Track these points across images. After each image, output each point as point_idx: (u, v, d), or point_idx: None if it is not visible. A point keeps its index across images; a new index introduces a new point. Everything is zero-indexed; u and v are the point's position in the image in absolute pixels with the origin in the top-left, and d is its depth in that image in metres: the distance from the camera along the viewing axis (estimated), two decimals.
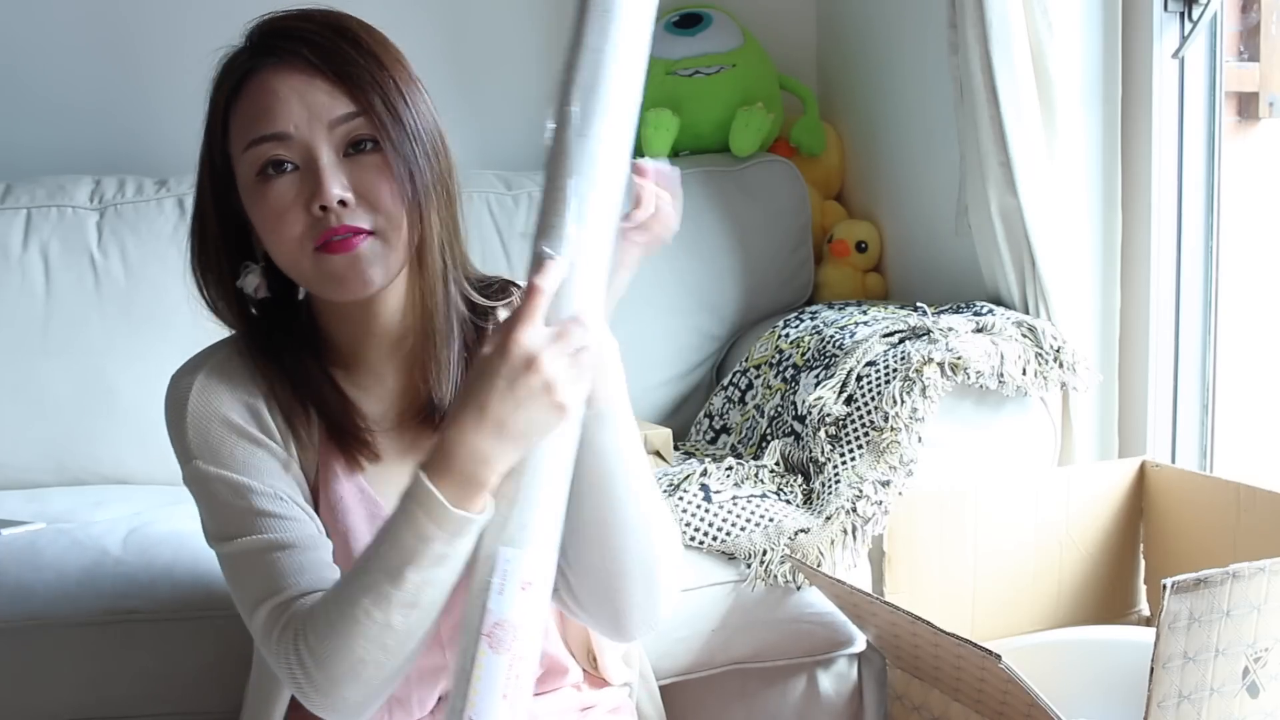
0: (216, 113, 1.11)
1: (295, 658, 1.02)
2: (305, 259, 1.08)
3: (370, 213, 1.08)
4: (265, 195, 1.08)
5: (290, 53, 1.08)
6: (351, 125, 1.08)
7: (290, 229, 1.07)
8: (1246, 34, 2.14)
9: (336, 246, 1.07)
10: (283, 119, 1.07)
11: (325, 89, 1.08)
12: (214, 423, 1.12)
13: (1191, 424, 2.09)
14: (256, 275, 1.14)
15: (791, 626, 1.70)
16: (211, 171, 1.13)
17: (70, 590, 1.55)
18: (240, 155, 1.09)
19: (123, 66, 2.40)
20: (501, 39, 2.56)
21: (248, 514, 1.09)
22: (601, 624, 1.15)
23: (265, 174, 1.08)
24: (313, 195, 1.06)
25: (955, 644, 1.38)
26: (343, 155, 1.08)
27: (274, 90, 1.08)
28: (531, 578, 0.99)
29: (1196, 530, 1.81)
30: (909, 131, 2.41)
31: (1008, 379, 1.79)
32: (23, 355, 2.06)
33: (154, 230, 2.16)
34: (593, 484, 1.06)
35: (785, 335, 2.09)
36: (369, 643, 1.00)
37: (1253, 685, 1.38)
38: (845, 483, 1.73)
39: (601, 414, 1.05)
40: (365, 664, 1.01)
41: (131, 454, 2.06)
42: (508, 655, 0.98)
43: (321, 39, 1.09)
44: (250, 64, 1.10)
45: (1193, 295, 2.07)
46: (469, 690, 0.98)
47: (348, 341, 1.17)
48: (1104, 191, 2.02)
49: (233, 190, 1.12)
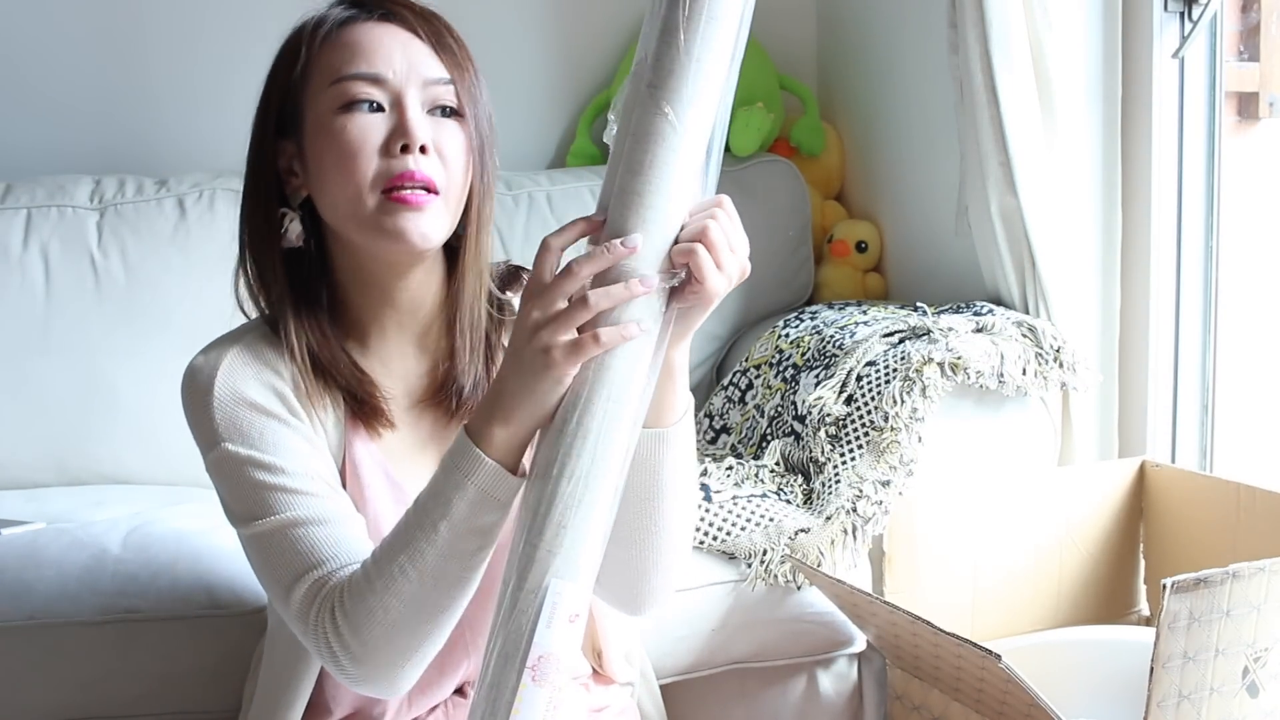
0: (300, 51, 1.12)
1: (333, 628, 1.03)
2: (371, 199, 1.08)
3: (443, 169, 1.10)
4: (346, 127, 1.08)
5: (394, 13, 1.12)
6: (443, 90, 1.11)
7: (363, 166, 1.08)
8: (1246, 34, 2.14)
9: (407, 199, 1.08)
10: (382, 61, 1.09)
11: (426, 51, 1.11)
12: (241, 405, 1.11)
13: (1191, 424, 2.09)
14: (298, 224, 1.15)
15: (791, 626, 1.70)
16: (276, 114, 1.13)
17: (70, 589, 1.55)
18: (323, 89, 1.10)
19: (123, 66, 2.40)
20: (501, 39, 2.56)
21: (280, 492, 1.09)
22: (617, 602, 1.17)
23: (349, 108, 1.09)
24: (397, 132, 1.08)
25: (955, 644, 1.38)
26: (426, 113, 1.10)
27: (377, 36, 1.10)
28: (578, 609, 0.97)
29: (1196, 530, 1.81)
30: (909, 131, 2.41)
31: (1008, 379, 1.79)
32: (23, 355, 2.06)
33: (154, 230, 2.16)
34: (640, 495, 1.07)
35: (785, 335, 2.09)
36: (404, 604, 1.00)
37: (1253, 685, 1.38)
38: (845, 483, 1.73)
39: (665, 437, 1.05)
40: (399, 629, 1.01)
41: (131, 454, 2.06)
42: (549, 688, 0.95)
43: (421, 11, 1.14)
44: (351, 13, 1.13)
45: (1193, 295, 2.07)
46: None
47: (366, 311, 1.17)
48: (1104, 191, 2.02)
49: (290, 134, 1.13)
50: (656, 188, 0.96)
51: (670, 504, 1.09)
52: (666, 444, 1.06)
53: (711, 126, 0.98)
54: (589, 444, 0.97)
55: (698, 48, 0.95)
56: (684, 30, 0.95)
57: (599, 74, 2.63)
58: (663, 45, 0.96)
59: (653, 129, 0.96)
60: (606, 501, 0.99)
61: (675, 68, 0.95)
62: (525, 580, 0.96)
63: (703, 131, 0.97)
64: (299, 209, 1.14)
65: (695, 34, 0.95)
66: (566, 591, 0.96)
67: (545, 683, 0.95)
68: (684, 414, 1.07)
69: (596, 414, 0.97)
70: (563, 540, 0.96)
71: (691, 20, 0.95)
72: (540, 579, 0.96)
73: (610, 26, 2.62)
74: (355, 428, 1.17)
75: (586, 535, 0.97)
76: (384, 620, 1.01)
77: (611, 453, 0.98)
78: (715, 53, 0.96)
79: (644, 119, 0.96)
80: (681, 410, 1.06)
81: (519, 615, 0.96)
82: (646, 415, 1.03)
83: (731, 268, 0.97)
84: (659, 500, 1.08)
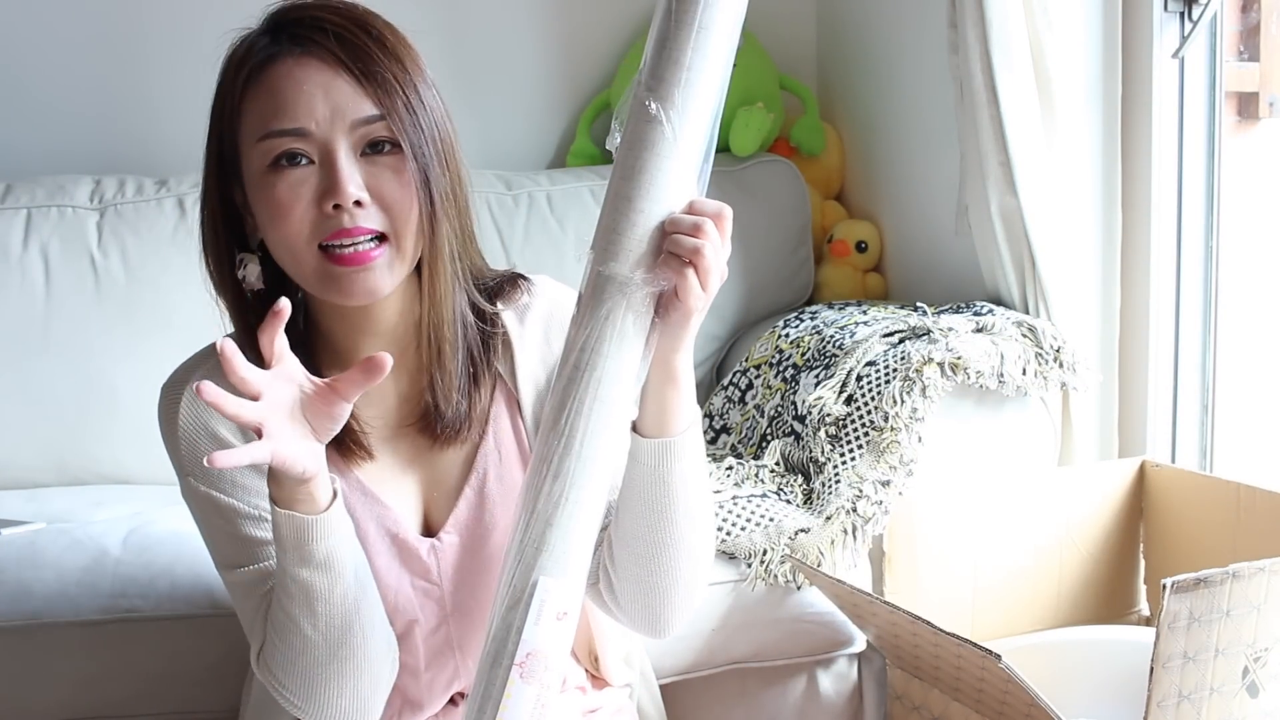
0: (229, 97, 1.07)
1: (276, 691, 1.10)
2: (310, 257, 1.05)
3: (383, 215, 1.05)
4: (275, 186, 1.04)
5: (315, 44, 1.05)
6: (372, 127, 1.05)
7: (298, 224, 1.04)
8: (1246, 34, 2.14)
9: (349, 259, 1.04)
10: (304, 114, 1.03)
11: (349, 87, 1.04)
12: (203, 438, 1.11)
13: (1191, 424, 2.09)
14: (256, 265, 1.10)
15: (791, 626, 1.70)
16: (219, 154, 1.09)
17: (70, 590, 1.55)
18: (253, 145, 1.05)
19: (123, 67, 2.40)
20: (501, 39, 2.56)
21: (240, 542, 1.11)
22: (638, 625, 1.16)
23: (278, 165, 1.04)
24: (327, 192, 1.03)
25: (955, 644, 1.38)
26: (359, 155, 1.05)
27: (297, 82, 1.04)
28: (566, 608, 0.98)
29: (1196, 530, 1.81)
30: (909, 131, 2.41)
31: (1008, 379, 1.79)
32: (23, 355, 2.06)
33: (154, 230, 2.16)
34: (652, 507, 1.06)
35: (785, 335, 2.09)
36: (293, 650, 1.06)
37: (1252, 685, 1.38)
38: (845, 483, 1.73)
39: (671, 447, 1.05)
40: (308, 676, 1.08)
41: (131, 454, 2.06)
42: (536, 686, 0.97)
43: (347, 34, 1.05)
44: (271, 50, 1.06)
45: (1193, 295, 2.07)
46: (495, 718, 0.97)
47: (343, 339, 1.14)
48: (1104, 191, 2.02)
49: (235, 178, 1.09)
50: (647, 192, 0.98)
51: (684, 518, 1.08)
52: (674, 454, 1.05)
53: (707, 130, 1.00)
54: (575, 444, 0.98)
55: (689, 56, 0.97)
56: (675, 39, 0.98)
57: (599, 74, 2.63)
58: (657, 54, 0.99)
59: (645, 135, 0.98)
60: (595, 501, 1.00)
61: (668, 75, 0.98)
62: (514, 578, 0.98)
63: (697, 136, 0.99)
64: (259, 249, 1.10)
65: (687, 43, 0.97)
66: (554, 589, 0.98)
67: (533, 680, 0.97)
68: (691, 424, 1.06)
69: (584, 414, 0.98)
70: (549, 538, 0.98)
71: (682, 30, 0.98)
72: (528, 576, 0.98)
73: (610, 27, 2.61)
74: (330, 458, 1.12)
75: (573, 533, 0.99)
76: (290, 669, 1.08)
77: (598, 453, 0.99)
78: (708, 60, 0.98)
79: (637, 125, 0.98)
80: (687, 420, 1.06)
81: (508, 613, 0.98)
82: (652, 425, 1.04)
83: (715, 288, 0.99)
84: (672, 513, 1.07)
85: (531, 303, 1.21)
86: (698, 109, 0.98)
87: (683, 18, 0.98)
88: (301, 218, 1.04)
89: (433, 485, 1.18)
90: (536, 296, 1.21)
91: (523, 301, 1.21)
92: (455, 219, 1.10)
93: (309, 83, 1.04)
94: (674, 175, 0.99)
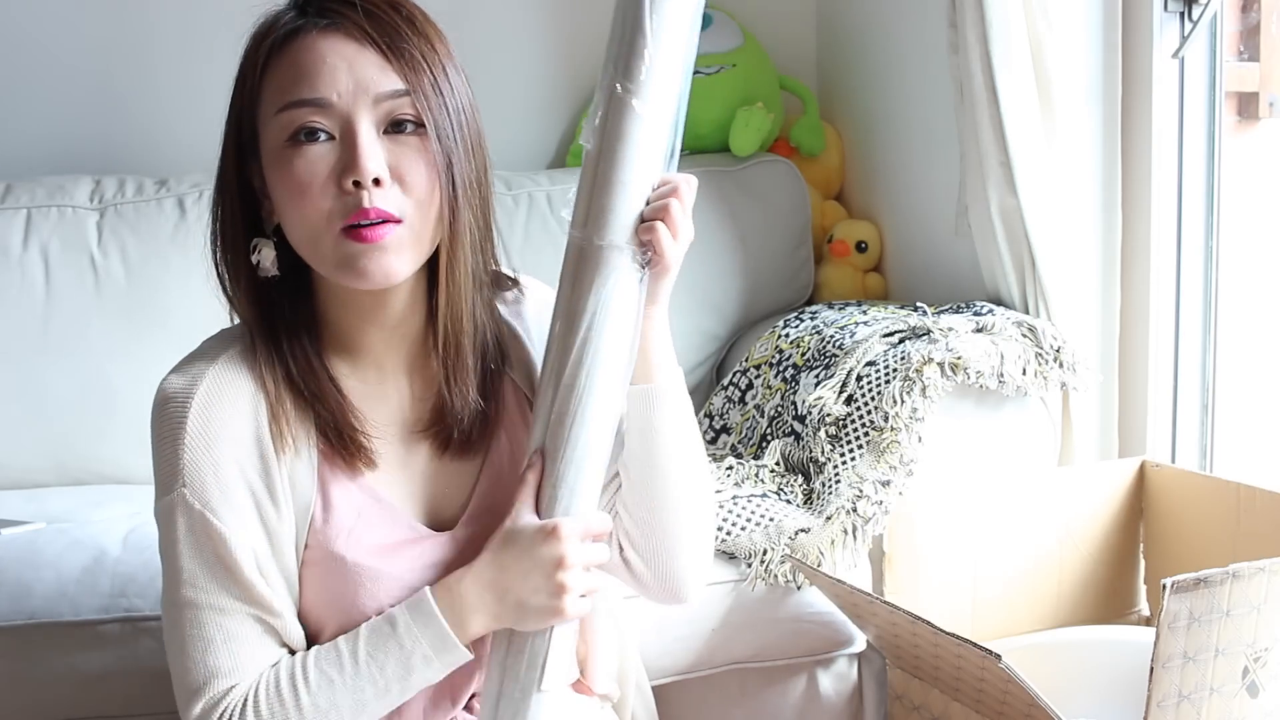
0: (251, 71, 1.04)
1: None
2: (328, 237, 1.02)
3: (403, 197, 1.02)
4: (294, 162, 1.01)
5: (342, 18, 1.02)
6: (397, 103, 1.02)
7: (317, 202, 1.01)
8: (1246, 34, 2.14)
9: (363, 234, 1.00)
10: (326, 85, 1.00)
11: (376, 61, 1.01)
12: (212, 454, 1.04)
13: (1191, 424, 2.09)
14: (271, 250, 1.07)
15: (791, 626, 1.70)
16: (237, 135, 1.06)
17: (70, 590, 1.55)
18: (271, 118, 1.02)
19: (123, 66, 2.40)
20: (501, 39, 2.56)
21: (225, 571, 1.04)
22: (656, 591, 1.17)
23: (297, 140, 1.01)
24: (346, 168, 1.00)
25: (955, 644, 1.38)
26: (381, 132, 1.02)
27: (320, 54, 1.01)
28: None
29: (1196, 530, 1.81)
30: (909, 131, 2.41)
31: (1008, 379, 1.79)
32: (23, 355, 2.06)
33: (154, 230, 2.16)
34: (643, 461, 1.09)
35: (785, 335, 2.09)
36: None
37: (1252, 685, 1.38)
38: (845, 483, 1.73)
39: (652, 394, 1.07)
40: None
41: (131, 454, 2.05)
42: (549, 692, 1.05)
43: (376, 9, 1.03)
44: (296, 24, 1.03)
45: (1193, 295, 2.07)
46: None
47: (350, 328, 1.10)
48: (1104, 191, 2.02)
49: (253, 158, 1.05)
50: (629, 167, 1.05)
51: (676, 468, 1.10)
52: (656, 400, 1.08)
53: (674, 115, 1.07)
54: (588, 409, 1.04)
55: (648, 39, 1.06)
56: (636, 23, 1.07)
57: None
58: (620, 39, 1.09)
59: (620, 119, 1.05)
60: (595, 484, 1.07)
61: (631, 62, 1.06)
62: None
63: (665, 112, 1.06)
64: (274, 234, 1.07)
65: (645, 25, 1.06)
66: None
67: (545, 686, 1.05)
68: (673, 374, 1.10)
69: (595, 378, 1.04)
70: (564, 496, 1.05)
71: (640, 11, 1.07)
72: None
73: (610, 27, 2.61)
74: (333, 465, 1.10)
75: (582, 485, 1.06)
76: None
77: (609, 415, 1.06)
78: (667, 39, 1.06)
79: (609, 110, 1.06)
80: (669, 369, 1.09)
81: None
82: (638, 373, 1.08)
83: (685, 236, 1.06)
84: (663, 462, 1.09)
85: (524, 300, 1.23)
86: (661, 87, 1.05)
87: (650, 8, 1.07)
88: (320, 196, 1.01)
89: (446, 483, 1.16)
90: (527, 294, 1.23)
91: (513, 298, 1.22)
92: (478, 210, 1.07)
93: (333, 54, 1.01)
94: (648, 149, 1.06)
